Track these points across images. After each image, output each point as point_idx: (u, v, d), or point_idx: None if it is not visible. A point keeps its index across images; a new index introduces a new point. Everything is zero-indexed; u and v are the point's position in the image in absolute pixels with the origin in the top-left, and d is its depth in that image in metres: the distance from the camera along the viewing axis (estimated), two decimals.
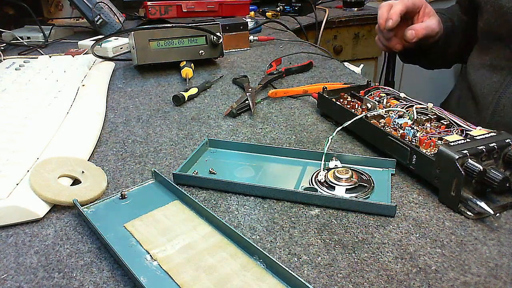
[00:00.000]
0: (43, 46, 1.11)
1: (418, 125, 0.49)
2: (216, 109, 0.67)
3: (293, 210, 0.42)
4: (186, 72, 0.80)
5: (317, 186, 0.44)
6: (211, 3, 1.14)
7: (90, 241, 0.38)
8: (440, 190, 0.42)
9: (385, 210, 0.40)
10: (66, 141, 0.53)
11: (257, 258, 0.34)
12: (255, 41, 1.08)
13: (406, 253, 0.36)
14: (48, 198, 0.42)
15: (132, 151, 0.55)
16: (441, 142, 0.43)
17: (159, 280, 0.33)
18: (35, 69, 0.80)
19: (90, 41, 1.02)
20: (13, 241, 0.39)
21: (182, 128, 0.61)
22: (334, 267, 0.34)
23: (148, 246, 0.36)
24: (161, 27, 0.83)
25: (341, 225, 0.39)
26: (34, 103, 0.63)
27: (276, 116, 0.64)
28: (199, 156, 0.51)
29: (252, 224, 0.40)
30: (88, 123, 0.59)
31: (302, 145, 0.55)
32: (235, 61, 0.95)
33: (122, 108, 0.69)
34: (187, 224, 0.39)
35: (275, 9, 1.53)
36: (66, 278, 0.34)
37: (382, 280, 0.33)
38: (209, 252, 0.35)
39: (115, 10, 1.19)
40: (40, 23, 1.18)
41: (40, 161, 0.47)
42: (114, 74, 0.86)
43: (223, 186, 0.45)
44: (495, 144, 0.41)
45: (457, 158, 0.38)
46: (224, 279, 0.32)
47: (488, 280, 0.33)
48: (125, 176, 0.49)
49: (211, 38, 0.86)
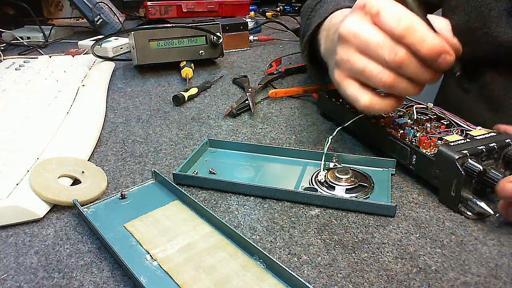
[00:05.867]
0: (43, 46, 1.11)
1: (418, 125, 0.49)
2: (216, 109, 0.67)
3: (293, 210, 0.42)
4: (186, 72, 0.80)
5: (317, 186, 0.44)
6: (211, 3, 1.14)
7: (90, 241, 0.38)
8: (440, 190, 0.42)
9: (385, 210, 0.40)
10: (66, 141, 0.53)
11: (257, 258, 0.34)
12: (255, 41, 1.08)
13: (406, 253, 0.36)
14: (48, 198, 0.42)
15: (132, 151, 0.55)
16: (441, 142, 0.43)
17: (159, 280, 0.33)
18: (35, 69, 0.80)
19: (90, 41, 1.02)
20: (13, 241, 0.39)
21: (182, 128, 0.61)
22: (334, 267, 0.34)
23: (148, 246, 0.36)
24: (161, 27, 0.83)
25: (341, 225, 0.39)
26: (34, 103, 0.63)
27: (276, 116, 0.64)
28: (199, 156, 0.51)
29: (252, 224, 0.40)
30: (88, 123, 0.59)
31: (302, 145, 0.55)
32: (235, 61, 0.95)
33: (122, 108, 0.69)
34: (187, 224, 0.39)
35: (275, 9, 1.53)
36: (66, 278, 0.34)
37: (382, 280, 0.33)
38: (209, 252, 0.35)
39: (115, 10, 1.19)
40: (40, 23, 1.18)
41: (40, 161, 0.47)
42: (114, 74, 0.86)
43: (223, 186, 0.45)
44: (495, 144, 0.41)
45: (457, 158, 0.38)
46: (224, 279, 0.32)
47: (488, 280, 0.33)
48: (125, 176, 0.49)
49: (211, 38, 0.86)
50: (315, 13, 0.62)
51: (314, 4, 0.63)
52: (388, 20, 0.38)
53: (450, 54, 0.38)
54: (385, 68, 0.39)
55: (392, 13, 0.38)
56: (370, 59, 0.40)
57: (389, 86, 0.40)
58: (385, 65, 0.39)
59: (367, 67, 0.40)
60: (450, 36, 0.40)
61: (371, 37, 0.39)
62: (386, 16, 0.38)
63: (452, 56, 0.38)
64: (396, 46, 0.38)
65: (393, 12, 0.38)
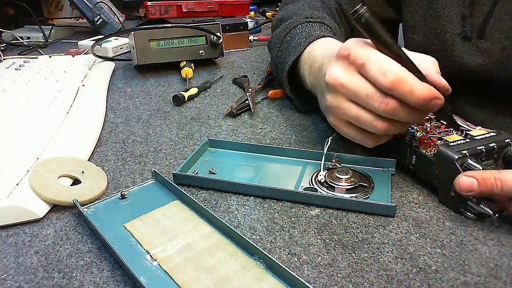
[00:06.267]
0: (43, 46, 1.11)
1: (418, 125, 0.49)
2: (216, 109, 0.67)
3: (293, 210, 0.42)
4: (186, 72, 0.80)
5: (317, 186, 0.44)
6: (211, 3, 1.14)
7: (90, 241, 0.38)
8: (440, 190, 0.42)
9: (385, 210, 0.40)
10: (66, 141, 0.53)
11: (257, 258, 0.34)
12: (255, 41, 1.08)
13: (406, 253, 0.36)
14: (48, 198, 0.42)
15: (132, 151, 0.55)
16: (441, 142, 0.43)
17: (159, 280, 0.33)
18: (35, 69, 0.80)
19: (90, 41, 1.02)
20: (13, 241, 0.39)
21: (182, 128, 0.61)
22: (334, 267, 0.34)
23: (148, 246, 0.36)
24: (161, 27, 0.83)
25: (341, 225, 0.39)
26: (34, 103, 0.63)
27: (276, 116, 0.64)
28: (199, 156, 0.51)
29: (252, 224, 0.40)
30: (88, 123, 0.59)
31: (302, 145, 0.55)
32: (235, 61, 0.95)
33: (122, 108, 0.69)
34: (187, 224, 0.39)
35: (275, 9, 1.53)
36: (66, 278, 0.34)
37: (382, 280, 0.33)
38: (209, 252, 0.35)
39: (115, 10, 1.19)
40: (40, 23, 1.18)
41: (40, 161, 0.47)
42: (114, 74, 0.86)
43: (223, 186, 0.45)
44: (494, 144, 0.41)
45: (457, 158, 0.38)
46: (224, 279, 0.32)
47: (488, 280, 0.33)
48: (125, 176, 0.49)
49: (211, 38, 0.86)
50: (286, 45, 0.61)
51: (283, 36, 0.63)
52: (374, 74, 0.38)
53: (439, 98, 0.38)
54: (378, 116, 0.40)
55: (377, 66, 0.38)
56: (362, 108, 0.41)
57: (384, 131, 0.41)
58: (378, 113, 0.40)
59: (360, 116, 0.41)
60: (437, 78, 0.40)
61: (360, 89, 0.40)
62: (372, 68, 0.38)
63: (442, 99, 0.38)
64: (386, 97, 0.39)
65: (379, 65, 0.38)
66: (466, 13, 0.55)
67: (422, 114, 0.40)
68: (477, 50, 0.55)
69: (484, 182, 0.36)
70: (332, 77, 0.42)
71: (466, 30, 0.55)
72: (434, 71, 0.41)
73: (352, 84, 0.40)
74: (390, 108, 0.39)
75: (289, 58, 0.59)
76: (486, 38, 0.54)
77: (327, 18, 0.64)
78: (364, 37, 0.41)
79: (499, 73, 0.54)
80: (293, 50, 0.59)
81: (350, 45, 0.41)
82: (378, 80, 0.38)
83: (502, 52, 0.53)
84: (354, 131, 0.44)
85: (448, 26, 0.57)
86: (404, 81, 0.37)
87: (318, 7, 0.69)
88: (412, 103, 0.38)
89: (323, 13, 0.67)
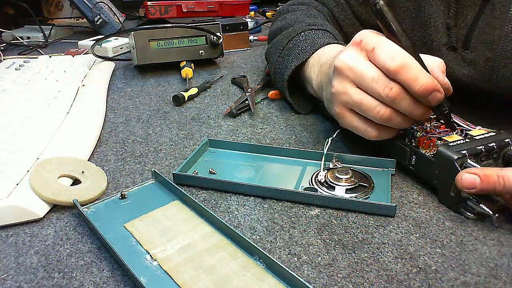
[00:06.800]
0: (43, 46, 1.11)
1: (418, 125, 0.49)
2: (216, 109, 0.67)
3: (293, 210, 0.42)
4: (186, 72, 0.80)
5: (317, 186, 0.44)
6: (211, 3, 1.14)
7: (90, 241, 0.38)
8: (440, 191, 0.42)
9: (385, 210, 0.40)
10: (66, 141, 0.53)
11: (257, 258, 0.34)
12: (255, 41, 1.08)
13: (406, 253, 0.36)
14: (48, 198, 0.42)
15: (132, 151, 0.55)
16: (440, 142, 0.43)
17: (159, 280, 0.33)
18: (35, 69, 0.80)
19: (90, 41, 1.02)
20: (13, 241, 0.39)
21: (182, 128, 0.61)
22: (334, 267, 0.34)
23: (148, 246, 0.36)
24: (161, 27, 0.83)
25: (341, 225, 0.39)
26: (34, 103, 0.63)
27: (276, 116, 0.64)
28: (199, 156, 0.51)
29: (252, 224, 0.40)
30: (88, 123, 0.59)
31: (302, 145, 0.55)
32: (235, 61, 0.95)
33: (122, 108, 0.69)
34: (187, 224, 0.39)
35: (275, 9, 1.52)
36: (66, 278, 0.34)
37: (382, 280, 0.33)
38: (209, 252, 0.35)
39: (115, 10, 1.19)
40: (40, 23, 1.18)
41: (40, 161, 0.47)
42: (114, 74, 0.86)
43: (223, 186, 0.45)
44: (494, 144, 0.41)
45: (456, 158, 0.38)
46: (224, 279, 0.32)
47: (488, 280, 0.33)
48: (125, 176, 0.49)
49: (211, 38, 0.86)
50: (289, 51, 0.62)
51: (286, 42, 0.63)
52: (382, 57, 0.40)
53: (440, 92, 0.40)
54: (381, 103, 0.41)
55: (386, 50, 0.40)
56: (366, 93, 0.42)
57: (386, 120, 0.41)
58: (381, 100, 0.41)
59: (364, 100, 0.42)
60: (441, 76, 0.41)
61: (366, 72, 0.41)
62: (381, 52, 0.40)
63: (442, 94, 0.40)
64: (391, 82, 0.40)
65: (388, 50, 0.40)
66: (451, 24, 0.55)
67: (423, 110, 0.41)
68: (463, 60, 0.56)
69: (487, 179, 0.36)
70: (341, 61, 0.43)
71: (452, 41, 0.56)
72: (438, 70, 0.42)
73: (359, 67, 0.41)
74: (393, 93, 0.40)
75: (292, 64, 0.59)
76: (471, 49, 0.54)
77: (329, 26, 0.65)
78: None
79: (484, 84, 0.55)
80: (296, 56, 0.59)
81: (363, 33, 0.42)
82: (385, 63, 0.39)
83: (485, 64, 0.53)
84: (357, 119, 0.44)
85: (434, 36, 0.57)
86: (410, 67, 0.39)
87: (316, 15, 0.70)
88: (414, 91, 0.39)
89: (324, 20, 0.68)
